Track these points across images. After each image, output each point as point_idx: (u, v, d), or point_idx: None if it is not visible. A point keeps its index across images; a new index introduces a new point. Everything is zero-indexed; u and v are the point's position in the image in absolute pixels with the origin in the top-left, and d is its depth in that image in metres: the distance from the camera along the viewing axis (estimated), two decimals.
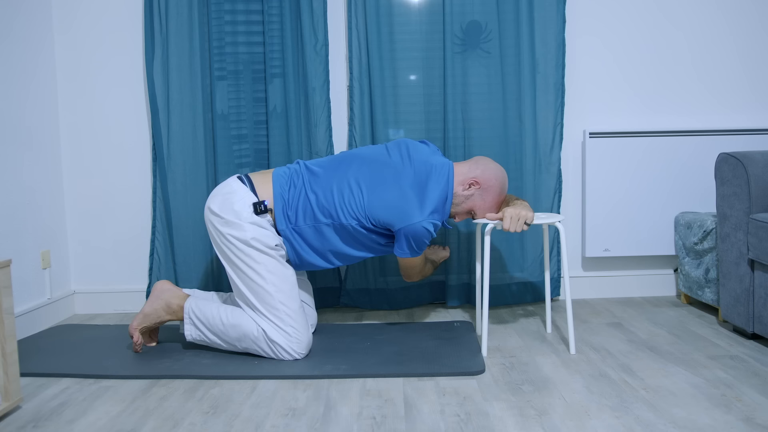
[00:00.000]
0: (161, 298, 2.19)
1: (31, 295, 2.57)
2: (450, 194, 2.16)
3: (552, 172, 2.74)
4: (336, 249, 2.18)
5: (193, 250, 2.73)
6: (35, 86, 2.63)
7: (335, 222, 2.14)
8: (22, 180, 2.52)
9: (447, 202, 2.16)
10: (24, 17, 2.56)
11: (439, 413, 1.68)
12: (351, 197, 2.13)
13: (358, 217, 2.12)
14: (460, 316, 2.64)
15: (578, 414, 1.65)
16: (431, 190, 2.13)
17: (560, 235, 2.14)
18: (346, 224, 2.13)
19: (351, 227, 2.13)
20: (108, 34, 2.77)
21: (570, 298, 2.15)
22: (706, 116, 2.84)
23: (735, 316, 2.26)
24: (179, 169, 2.71)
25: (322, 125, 2.69)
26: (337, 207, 2.13)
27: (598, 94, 2.82)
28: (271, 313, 2.07)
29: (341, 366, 2.03)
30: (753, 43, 2.82)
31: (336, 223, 2.14)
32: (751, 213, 2.17)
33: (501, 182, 2.22)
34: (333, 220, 2.14)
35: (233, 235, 2.09)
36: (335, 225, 2.14)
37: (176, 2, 2.65)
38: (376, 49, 2.66)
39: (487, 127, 2.70)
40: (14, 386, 1.73)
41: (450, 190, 2.16)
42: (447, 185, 2.16)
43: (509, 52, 2.68)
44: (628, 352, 2.14)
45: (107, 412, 1.74)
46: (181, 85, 2.68)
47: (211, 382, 1.95)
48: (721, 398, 1.73)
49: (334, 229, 2.15)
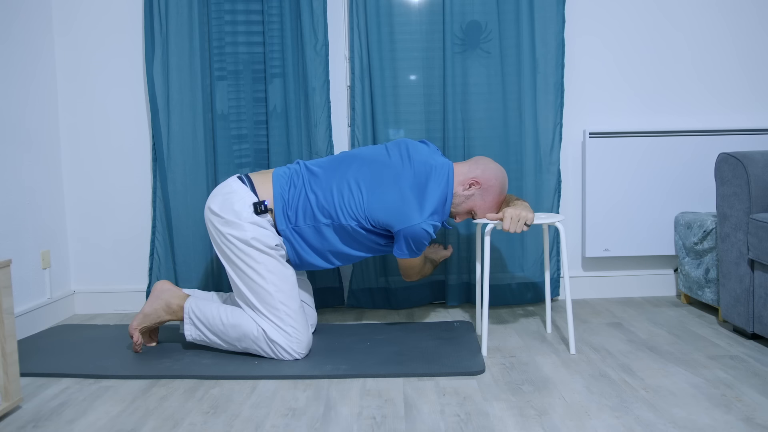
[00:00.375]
0: (161, 298, 2.19)
1: (31, 295, 2.57)
2: (450, 195, 2.16)
3: (552, 172, 2.74)
4: (336, 249, 2.18)
5: (193, 250, 2.73)
6: (35, 86, 2.63)
7: (335, 222, 2.14)
8: (22, 180, 2.52)
9: (447, 202, 2.16)
10: (24, 18, 2.56)
11: (439, 413, 1.68)
12: (351, 198, 2.13)
13: (357, 218, 2.12)
14: (460, 316, 2.64)
15: (578, 414, 1.65)
16: (431, 191, 2.13)
17: (560, 235, 2.14)
18: (345, 225, 2.13)
19: (350, 228, 2.13)
20: (108, 34, 2.77)
21: (570, 298, 2.15)
22: (706, 116, 2.84)
23: (735, 316, 2.26)
24: (179, 169, 2.71)
25: (322, 125, 2.69)
26: (336, 208, 2.13)
27: (598, 94, 2.82)
28: (271, 313, 2.07)
29: (341, 366, 2.03)
30: (753, 43, 2.82)
31: (335, 224, 2.14)
32: (751, 213, 2.17)
33: (501, 182, 2.22)
34: (333, 221, 2.14)
35: (233, 234, 2.09)
36: (335, 225, 2.14)
37: (176, 2, 2.65)
38: (376, 49, 2.66)
39: (487, 127, 2.70)
40: (14, 386, 1.73)
41: (450, 191, 2.16)
42: (447, 186, 2.15)
43: (509, 52, 2.68)
44: (628, 352, 2.14)
45: (107, 412, 1.74)
46: (181, 85, 2.68)
47: (211, 382, 1.95)
48: (721, 398, 1.73)
49: (334, 229, 2.15)
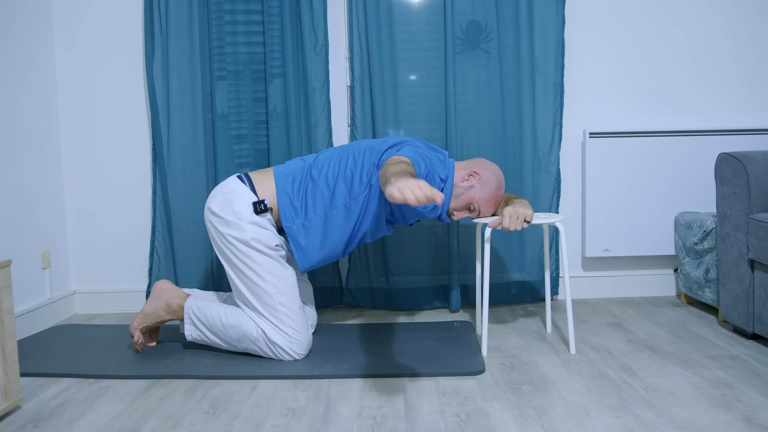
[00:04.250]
0: (161, 298, 2.19)
1: (31, 295, 2.57)
2: (450, 181, 2.16)
3: (551, 172, 2.74)
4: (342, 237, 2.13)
5: (193, 250, 2.73)
6: (35, 86, 2.63)
7: (350, 197, 2.09)
8: (22, 180, 2.52)
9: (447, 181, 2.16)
10: (24, 17, 2.56)
11: (439, 413, 1.68)
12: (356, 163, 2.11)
13: (370, 173, 2.08)
14: (460, 316, 2.64)
15: (578, 414, 1.65)
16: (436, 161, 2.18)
17: (560, 235, 2.14)
18: (360, 193, 2.08)
19: (364, 198, 2.08)
20: (108, 33, 2.77)
21: (570, 297, 2.15)
22: (707, 116, 2.84)
23: (735, 316, 2.26)
24: (179, 169, 2.71)
25: (322, 125, 2.69)
26: (348, 176, 2.09)
27: (597, 94, 2.82)
28: (270, 314, 2.07)
29: (341, 366, 2.03)
30: (753, 42, 2.82)
31: (351, 199, 2.09)
32: (751, 213, 2.17)
33: (498, 177, 2.23)
34: (349, 194, 2.09)
35: (233, 235, 2.09)
36: (347, 203, 2.09)
37: (176, 2, 2.65)
38: (376, 49, 2.66)
39: (487, 127, 2.70)
40: (14, 386, 1.73)
41: (450, 178, 2.16)
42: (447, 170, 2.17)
43: (509, 52, 2.68)
44: (628, 352, 2.13)
45: (107, 412, 1.74)
46: (181, 85, 2.68)
47: (211, 382, 1.95)
48: (721, 398, 1.73)
49: (346, 209, 2.09)
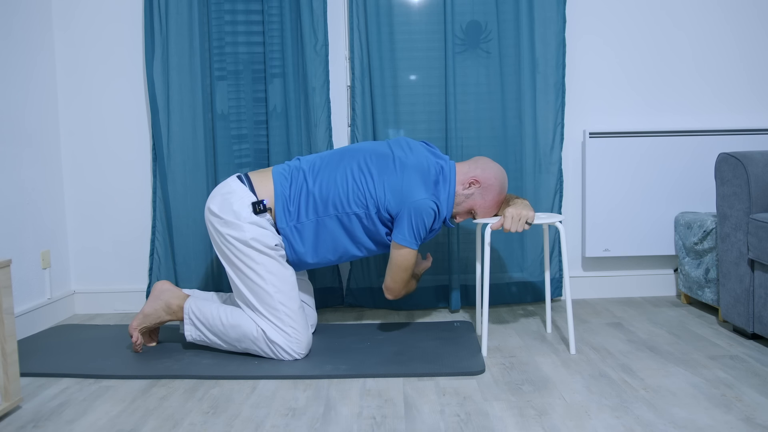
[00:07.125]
0: (161, 299, 2.19)
1: (31, 295, 2.57)
2: (452, 193, 2.16)
3: (552, 172, 2.74)
4: (335, 246, 2.17)
5: (193, 251, 2.73)
6: (35, 86, 2.63)
7: (340, 213, 2.12)
8: (21, 180, 2.52)
9: (449, 199, 2.16)
10: (23, 17, 2.56)
11: (439, 413, 1.68)
12: (360, 183, 2.12)
13: (366, 203, 2.11)
14: (460, 316, 2.64)
15: (578, 414, 1.65)
16: (440, 187, 2.15)
17: (560, 235, 2.14)
18: (351, 214, 2.12)
19: (356, 217, 2.12)
20: (108, 33, 2.77)
21: (570, 298, 2.15)
22: (707, 116, 2.84)
23: (735, 316, 2.25)
24: (179, 169, 2.71)
25: (322, 125, 2.69)
26: (342, 196, 2.12)
27: (598, 94, 2.82)
28: (270, 313, 2.07)
29: (341, 366, 2.02)
30: (754, 42, 2.82)
31: (341, 214, 2.12)
32: (751, 213, 2.17)
33: (501, 181, 2.22)
34: (338, 211, 2.12)
35: (232, 235, 2.09)
36: (339, 216, 2.12)
37: (176, 2, 2.65)
38: (376, 49, 2.66)
39: (487, 127, 2.70)
40: (14, 386, 1.73)
41: (452, 189, 2.16)
42: (449, 185, 2.16)
43: (509, 52, 2.68)
44: (628, 352, 2.13)
45: (107, 412, 1.74)
46: (181, 85, 2.68)
47: (211, 382, 1.95)
48: (721, 398, 1.73)
49: (339, 220, 2.13)
